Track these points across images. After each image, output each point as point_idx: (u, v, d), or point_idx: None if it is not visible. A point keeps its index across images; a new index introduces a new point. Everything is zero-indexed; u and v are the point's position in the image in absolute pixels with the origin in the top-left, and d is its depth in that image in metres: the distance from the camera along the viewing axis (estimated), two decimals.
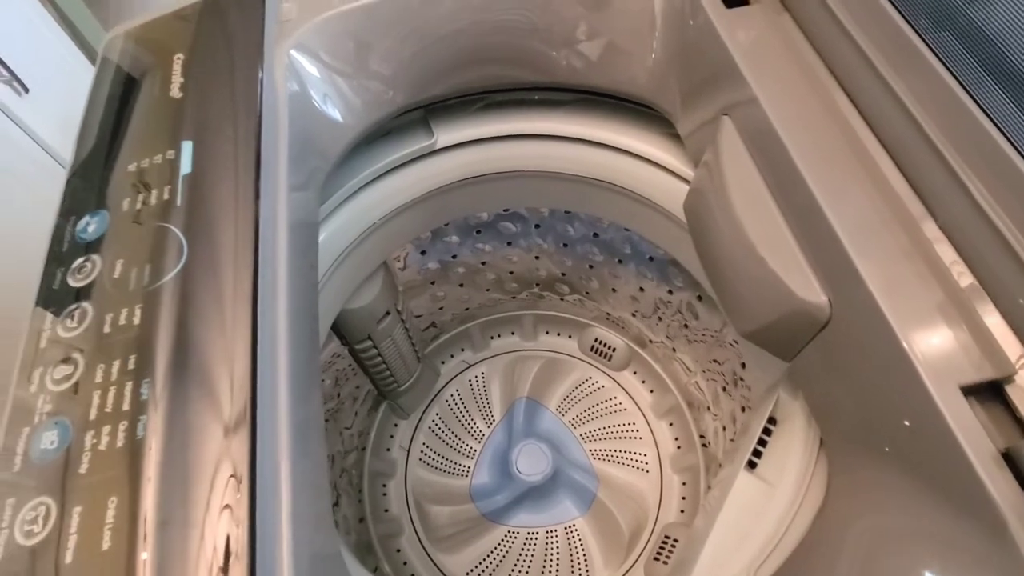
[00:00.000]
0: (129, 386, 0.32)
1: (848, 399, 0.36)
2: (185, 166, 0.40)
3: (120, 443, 0.31)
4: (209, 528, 0.28)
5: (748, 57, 0.43)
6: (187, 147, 0.40)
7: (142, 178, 0.40)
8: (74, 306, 0.36)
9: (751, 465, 0.45)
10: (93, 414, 0.32)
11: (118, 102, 0.44)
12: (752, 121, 0.42)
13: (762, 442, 0.46)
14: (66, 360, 0.34)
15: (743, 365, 0.68)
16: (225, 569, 0.28)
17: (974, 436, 0.28)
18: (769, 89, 0.41)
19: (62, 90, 1.12)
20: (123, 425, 0.31)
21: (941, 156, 0.33)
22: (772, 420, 0.47)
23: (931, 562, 0.31)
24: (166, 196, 0.39)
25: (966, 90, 0.33)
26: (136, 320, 0.34)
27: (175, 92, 0.43)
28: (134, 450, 0.31)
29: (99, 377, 0.33)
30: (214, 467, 0.30)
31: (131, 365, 0.33)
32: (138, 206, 0.39)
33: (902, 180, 0.36)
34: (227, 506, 0.29)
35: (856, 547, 0.34)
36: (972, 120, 0.32)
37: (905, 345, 0.30)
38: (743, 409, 0.70)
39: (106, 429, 0.31)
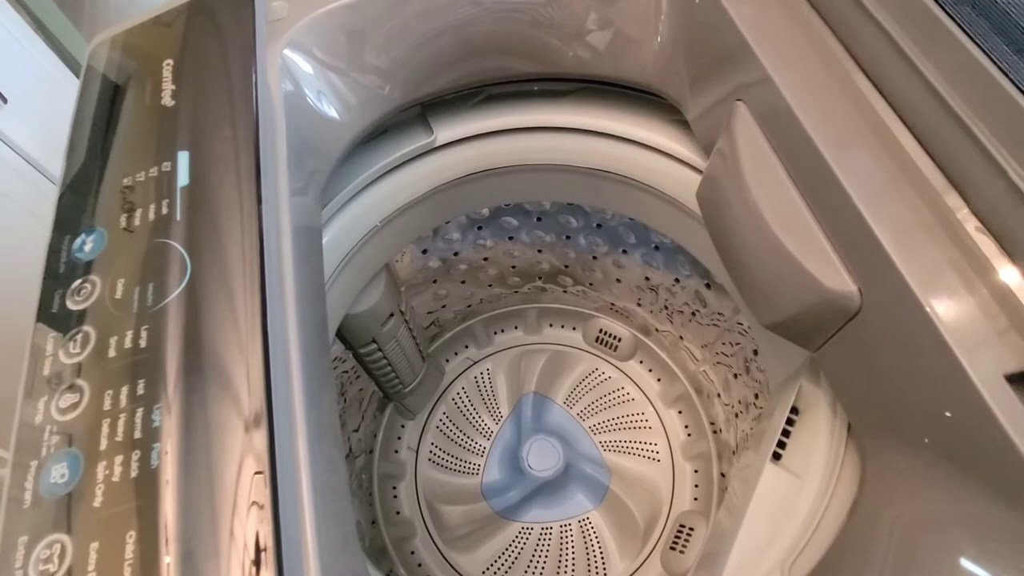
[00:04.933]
0: (140, 413, 0.31)
1: (881, 391, 0.35)
2: (182, 178, 0.38)
3: (134, 473, 0.30)
4: (236, 546, 0.27)
5: (760, 35, 0.41)
6: (183, 158, 0.39)
7: (138, 192, 0.38)
8: (75, 330, 0.34)
9: (776, 457, 0.44)
10: (104, 444, 0.30)
11: (107, 112, 0.42)
12: (767, 103, 0.41)
13: (786, 433, 0.45)
14: (71, 388, 0.32)
15: (755, 352, 0.67)
16: (257, 569, 0.27)
17: (1022, 425, 0.27)
18: (784, 68, 0.40)
19: (42, 99, 1.09)
20: (136, 454, 0.30)
21: (970, 132, 0.32)
22: (794, 409, 0.46)
23: (969, 548, 0.31)
24: (164, 210, 0.37)
25: (991, 59, 0.32)
26: (142, 343, 0.33)
27: (167, 100, 0.41)
28: (149, 480, 0.29)
29: (107, 405, 0.31)
30: (237, 473, 0.29)
31: (140, 391, 0.31)
32: (136, 222, 0.37)
33: (928, 160, 0.35)
34: (257, 532, 0.28)
35: (892, 535, 0.34)
36: (1001, 92, 0.31)
37: (946, 335, 0.29)
38: (756, 395, 0.69)
39: (118, 459, 0.30)
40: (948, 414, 0.30)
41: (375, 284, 0.67)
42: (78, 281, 0.36)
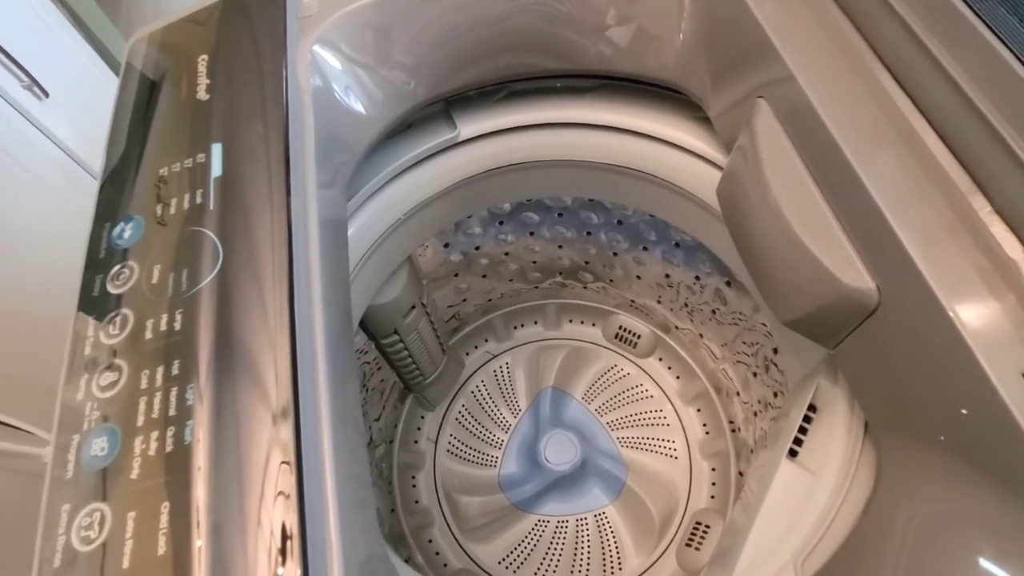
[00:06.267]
0: (175, 391, 0.32)
1: (898, 388, 0.35)
2: (216, 169, 0.40)
3: (169, 448, 0.31)
4: (263, 534, 0.29)
5: (782, 32, 0.41)
6: (217, 150, 0.40)
7: (173, 182, 0.40)
8: (115, 312, 0.36)
9: (792, 454, 0.44)
10: (140, 420, 0.32)
11: (145, 106, 0.44)
12: (789, 100, 0.41)
13: (802, 430, 0.45)
14: (110, 367, 0.34)
15: (775, 351, 0.67)
16: (283, 556, 0.28)
17: None
18: (806, 65, 0.39)
19: (81, 94, 1.12)
20: (171, 430, 0.31)
21: (997, 133, 0.32)
22: (812, 407, 0.46)
23: (986, 548, 0.31)
24: (199, 200, 0.39)
25: (1019, 58, 0.31)
26: (177, 326, 0.34)
27: (202, 94, 0.43)
28: (183, 455, 0.31)
29: (144, 383, 0.33)
30: (264, 462, 0.30)
31: (175, 371, 0.33)
32: (171, 211, 0.39)
33: (953, 160, 0.35)
34: (283, 522, 0.29)
35: (907, 532, 0.34)
36: None
37: (963, 333, 0.29)
38: (775, 395, 0.69)
39: (154, 435, 0.32)
40: (964, 412, 0.30)
41: (398, 276, 0.69)
42: (117, 266, 0.38)
